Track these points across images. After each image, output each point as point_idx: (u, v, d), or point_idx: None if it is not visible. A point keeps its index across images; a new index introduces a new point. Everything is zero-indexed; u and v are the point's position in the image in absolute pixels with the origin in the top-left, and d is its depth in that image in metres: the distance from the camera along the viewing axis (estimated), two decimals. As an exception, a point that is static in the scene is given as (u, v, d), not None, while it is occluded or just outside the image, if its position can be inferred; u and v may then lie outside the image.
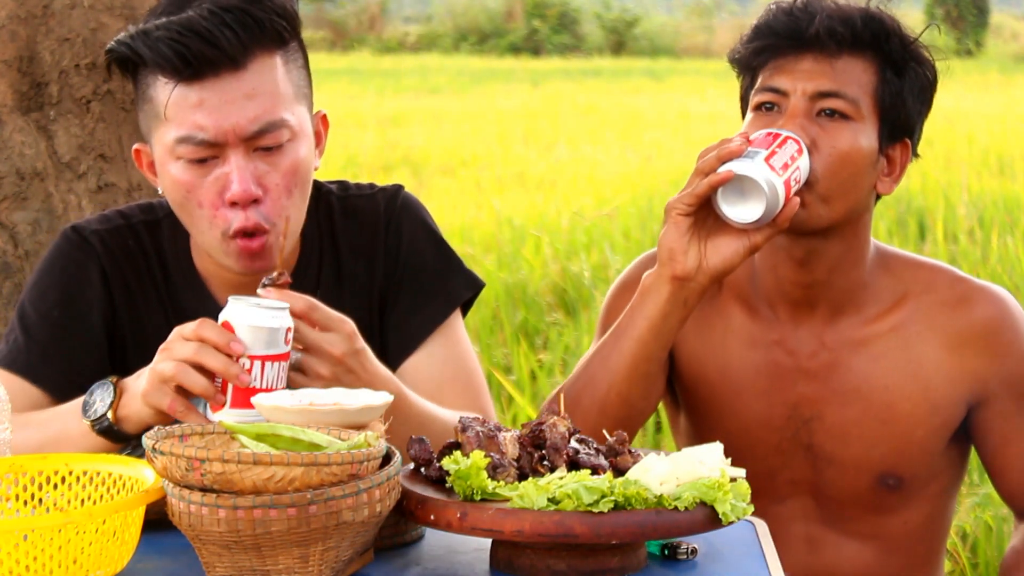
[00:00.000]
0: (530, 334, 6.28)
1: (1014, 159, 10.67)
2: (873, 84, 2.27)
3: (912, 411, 2.34)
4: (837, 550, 2.38)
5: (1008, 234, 7.21)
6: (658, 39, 30.99)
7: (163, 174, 2.18)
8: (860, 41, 2.26)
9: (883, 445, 2.34)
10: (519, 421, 4.81)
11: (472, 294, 2.38)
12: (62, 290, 2.26)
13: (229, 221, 2.15)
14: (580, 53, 28.48)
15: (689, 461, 1.80)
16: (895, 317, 2.36)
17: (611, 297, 2.49)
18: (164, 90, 2.14)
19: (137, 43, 2.13)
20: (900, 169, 2.33)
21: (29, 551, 1.62)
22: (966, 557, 3.93)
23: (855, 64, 2.27)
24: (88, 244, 2.29)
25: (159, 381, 1.97)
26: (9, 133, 3.15)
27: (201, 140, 2.13)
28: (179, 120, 2.13)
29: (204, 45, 2.10)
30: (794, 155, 2.17)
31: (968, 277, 2.40)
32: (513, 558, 1.79)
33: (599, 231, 7.84)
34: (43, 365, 2.24)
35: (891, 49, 2.27)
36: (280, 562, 1.69)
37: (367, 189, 2.37)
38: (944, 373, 2.34)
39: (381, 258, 2.33)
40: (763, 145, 2.17)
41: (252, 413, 1.92)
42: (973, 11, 29.73)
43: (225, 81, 2.12)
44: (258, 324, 1.95)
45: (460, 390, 2.32)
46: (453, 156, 12.53)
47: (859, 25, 2.26)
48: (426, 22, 33.85)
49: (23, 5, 3.17)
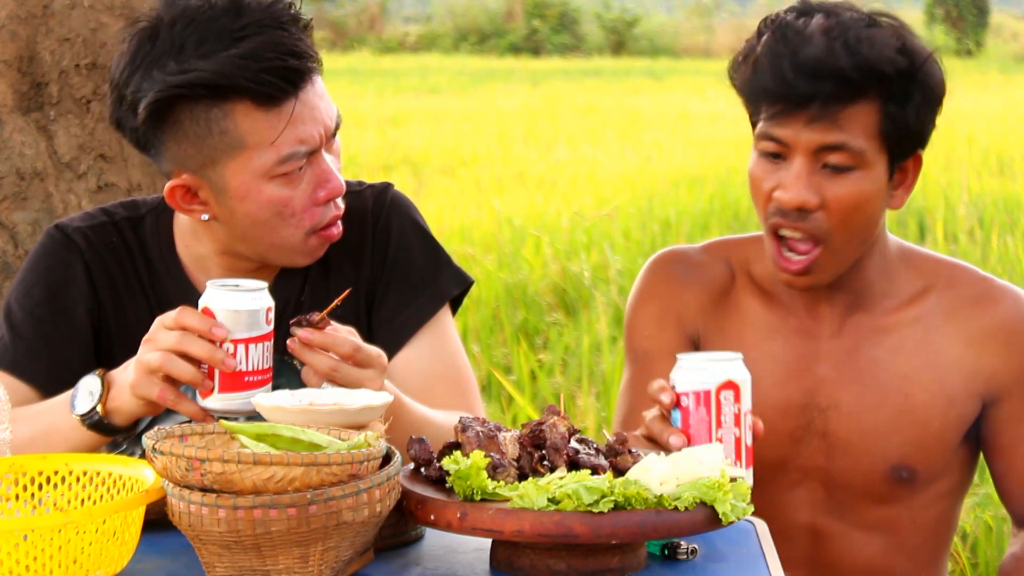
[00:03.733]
0: (530, 334, 6.27)
1: (1014, 159, 10.67)
2: (877, 124, 2.23)
3: (929, 402, 2.34)
4: (843, 542, 2.38)
5: (1008, 234, 7.21)
6: (658, 39, 30.98)
7: (250, 199, 2.17)
8: (859, 91, 2.21)
9: (899, 435, 2.34)
10: (519, 421, 4.81)
11: (461, 290, 2.38)
12: (47, 287, 2.28)
13: (320, 216, 2.20)
14: (580, 53, 28.48)
15: (689, 461, 1.80)
16: (916, 309, 2.36)
17: (632, 310, 2.48)
18: (246, 118, 2.12)
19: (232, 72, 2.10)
20: (913, 177, 2.32)
21: (29, 551, 1.62)
22: (966, 557, 3.93)
23: (856, 112, 2.21)
24: (72, 241, 2.30)
25: (146, 372, 1.97)
26: (9, 133, 3.15)
27: (306, 152, 2.16)
28: (277, 141, 2.13)
29: (297, 60, 2.13)
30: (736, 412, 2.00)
31: (990, 276, 2.40)
32: (513, 558, 1.79)
33: (599, 231, 7.83)
34: (30, 361, 2.25)
35: (892, 87, 2.22)
36: (280, 562, 1.69)
37: (356, 186, 2.38)
38: (962, 367, 2.34)
39: (369, 254, 2.34)
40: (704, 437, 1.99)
41: (241, 396, 1.94)
42: (973, 11, 29.72)
43: (306, 91, 2.16)
44: (238, 307, 1.96)
45: (449, 386, 2.32)
46: (453, 156, 12.52)
47: (855, 78, 2.19)
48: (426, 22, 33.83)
49: (23, 5, 3.17)
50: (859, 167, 2.23)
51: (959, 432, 2.36)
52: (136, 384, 1.99)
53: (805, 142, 2.22)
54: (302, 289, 2.32)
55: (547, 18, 30.86)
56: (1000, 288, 2.37)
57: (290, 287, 2.31)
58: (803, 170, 2.22)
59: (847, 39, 2.20)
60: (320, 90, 2.18)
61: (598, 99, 17.94)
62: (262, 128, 2.13)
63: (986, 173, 9.98)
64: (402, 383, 2.22)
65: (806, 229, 2.24)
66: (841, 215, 2.23)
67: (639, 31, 31.48)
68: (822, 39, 2.20)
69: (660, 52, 29.47)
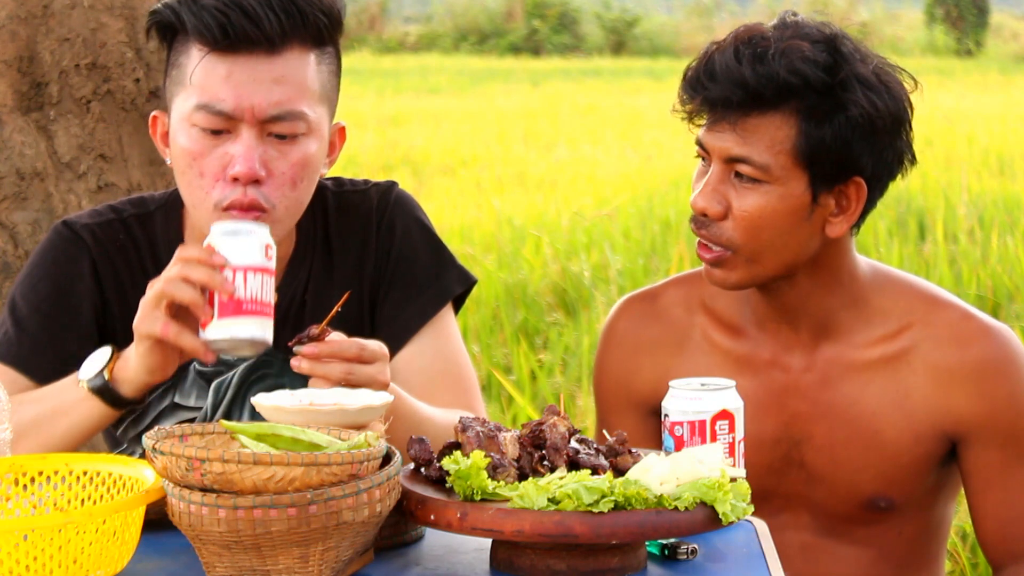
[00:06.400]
0: (530, 334, 6.27)
1: (1014, 159, 10.66)
2: (791, 140, 2.19)
3: (898, 439, 2.30)
4: (832, 556, 2.36)
5: (1008, 234, 7.20)
6: (658, 39, 30.95)
7: (175, 140, 2.21)
8: (766, 103, 2.18)
9: (871, 469, 2.31)
10: (519, 421, 4.81)
11: (464, 289, 2.39)
12: (53, 283, 2.28)
13: (225, 194, 2.17)
14: (580, 53, 28.46)
15: (689, 461, 1.80)
16: (892, 345, 2.31)
17: (598, 361, 2.47)
18: (195, 57, 2.17)
19: (182, 9, 2.17)
20: (857, 204, 2.25)
21: (29, 551, 1.62)
22: (966, 557, 3.93)
23: (767, 125, 2.19)
24: (79, 238, 2.30)
25: (151, 306, 2.00)
26: (9, 133, 3.15)
27: (219, 111, 2.15)
28: (203, 88, 2.16)
29: (246, 21, 2.14)
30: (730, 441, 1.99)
31: (979, 316, 2.32)
32: (513, 558, 1.79)
33: (599, 231, 7.83)
34: (34, 356, 2.25)
35: (809, 102, 2.18)
36: (280, 562, 1.69)
37: (361, 185, 2.40)
38: (930, 407, 2.29)
39: (373, 253, 2.35)
40: None
41: (240, 323, 1.97)
42: (973, 11, 29.70)
43: (257, 60, 2.16)
44: (236, 236, 2.00)
45: (450, 385, 2.33)
46: (453, 156, 12.52)
47: (757, 88, 2.17)
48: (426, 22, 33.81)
49: (23, 5, 3.17)
50: (768, 181, 2.20)
51: (931, 467, 2.32)
52: (140, 321, 2.01)
53: (718, 150, 2.22)
54: (306, 287, 2.32)
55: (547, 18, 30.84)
56: (983, 330, 2.30)
57: (294, 285, 2.31)
58: (713, 178, 2.23)
59: (759, 50, 2.18)
60: (280, 75, 2.16)
61: (598, 99, 17.93)
62: (200, 70, 2.17)
63: (986, 173, 9.97)
64: (404, 381, 2.23)
65: (707, 237, 2.24)
66: (745, 226, 2.21)
67: (639, 31, 31.45)
68: (736, 47, 2.20)
69: (660, 52, 29.44)
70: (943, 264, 6.70)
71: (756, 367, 2.34)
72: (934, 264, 6.75)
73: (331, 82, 2.25)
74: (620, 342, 2.44)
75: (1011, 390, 2.29)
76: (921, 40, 28.54)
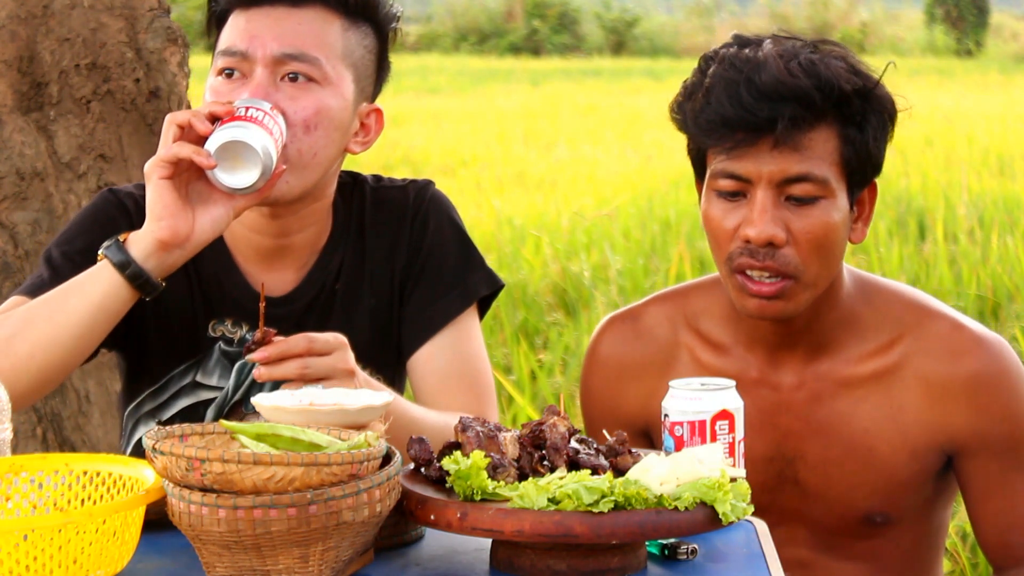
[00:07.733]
0: (530, 334, 6.28)
1: (1014, 159, 10.66)
2: (839, 151, 2.15)
3: (892, 455, 2.27)
4: (831, 572, 2.33)
5: (1008, 234, 7.20)
6: (658, 39, 30.96)
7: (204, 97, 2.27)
8: (820, 114, 2.13)
9: (867, 486, 2.28)
10: (519, 421, 4.81)
11: (490, 292, 2.39)
12: (89, 240, 2.27)
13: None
14: (580, 53, 28.47)
15: (689, 461, 1.80)
16: (883, 359, 2.28)
17: (583, 379, 2.45)
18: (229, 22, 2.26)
19: None
20: (870, 209, 2.24)
21: (29, 551, 1.62)
22: (966, 557, 3.93)
23: (817, 138, 2.14)
24: (122, 204, 2.34)
25: (162, 140, 2.11)
26: (9, 133, 3.15)
27: (235, 51, 2.21)
28: (225, 38, 2.24)
29: None
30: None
31: (970, 326, 2.28)
32: (513, 558, 1.79)
33: (599, 231, 7.84)
34: None
35: (851, 109, 2.14)
36: (280, 562, 1.69)
37: (400, 182, 2.42)
38: (924, 422, 2.26)
39: (405, 247, 2.36)
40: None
41: (242, 125, 2.07)
42: (973, 11, 29.71)
43: (278, 10, 2.23)
44: None
45: (465, 387, 2.33)
46: (453, 156, 12.52)
47: (817, 100, 2.11)
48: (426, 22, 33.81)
49: (23, 5, 3.17)
50: (824, 196, 2.15)
51: (927, 481, 2.30)
52: (151, 165, 2.09)
53: (768, 174, 2.13)
54: (337, 276, 2.33)
55: (547, 18, 30.85)
56: (975, 341, 2.26)
57: (325, 273, 2.32)
58: (768, 203, 2.13)
59: (800, 61, 2.14)
60: (297, 24, 2.22)
61: (598, 99, 17.93)
62: (229, 25, 2.26)
63: (986, 173, 9.97)
64: (420, 378, 2.25)
65: (774, 267, 2.15)
66: (810, 248, 2.14)
67: (639, 31, 31.47)
68: (778, 62, 2.13)
69: (660, 52, 29.45)
70: (943, 264, 6.70)
71: (745, 386, 2.23)
72: (934, 264, 6.75)
73: (365, 57, 2.28)
74: (604, 365, 2.40)
75: (1006, 401, 2.26)
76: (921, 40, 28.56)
